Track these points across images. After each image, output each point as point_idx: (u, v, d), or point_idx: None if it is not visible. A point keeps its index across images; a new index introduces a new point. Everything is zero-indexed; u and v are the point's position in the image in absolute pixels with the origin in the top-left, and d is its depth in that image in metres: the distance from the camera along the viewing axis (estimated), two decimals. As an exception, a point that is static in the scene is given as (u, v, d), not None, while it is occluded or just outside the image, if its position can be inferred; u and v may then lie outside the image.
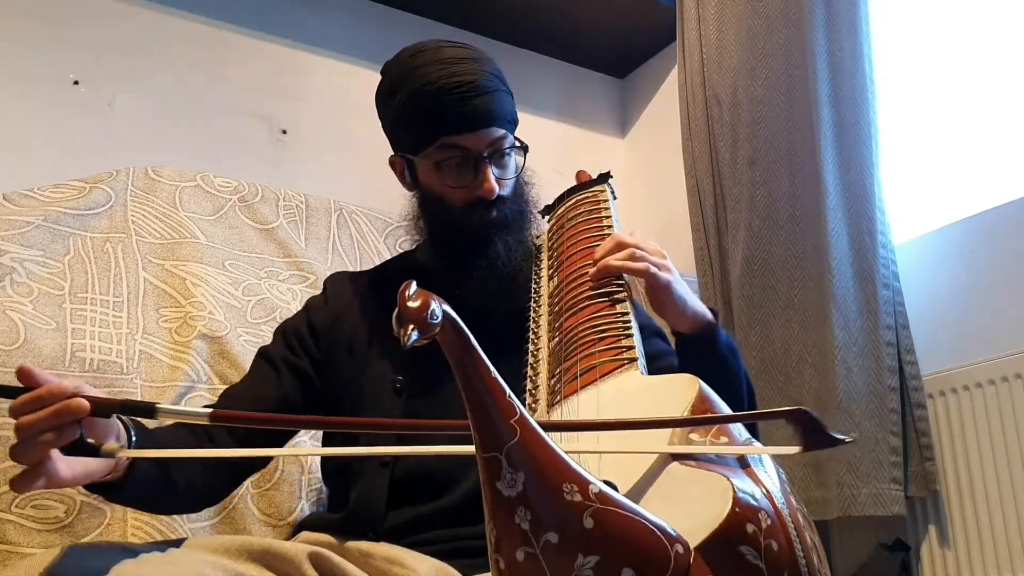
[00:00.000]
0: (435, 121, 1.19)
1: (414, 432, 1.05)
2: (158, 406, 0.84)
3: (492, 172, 1.21)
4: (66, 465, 0.86)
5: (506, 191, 1.24)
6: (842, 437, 0.76)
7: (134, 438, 0.95)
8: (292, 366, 1.25)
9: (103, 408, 0.86)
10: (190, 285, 1.62)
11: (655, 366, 1.19)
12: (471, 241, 1.22)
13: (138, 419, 0.99)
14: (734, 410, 1.12)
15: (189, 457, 1.10)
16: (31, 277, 1.48)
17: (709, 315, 1.17)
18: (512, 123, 1.25)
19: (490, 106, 1.20)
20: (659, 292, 1.12)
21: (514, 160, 1.27)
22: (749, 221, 2.21)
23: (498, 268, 1.22)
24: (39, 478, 0.84)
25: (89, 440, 0.87)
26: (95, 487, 0.97)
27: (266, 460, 1.36)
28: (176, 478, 1.08)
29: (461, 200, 1.22)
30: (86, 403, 0.83)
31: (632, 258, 1.11)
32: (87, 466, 0.89)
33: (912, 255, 2.07)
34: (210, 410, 0.84)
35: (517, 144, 1.25)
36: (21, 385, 0.86)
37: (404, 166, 1.30)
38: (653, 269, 1.11)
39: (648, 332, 1.24)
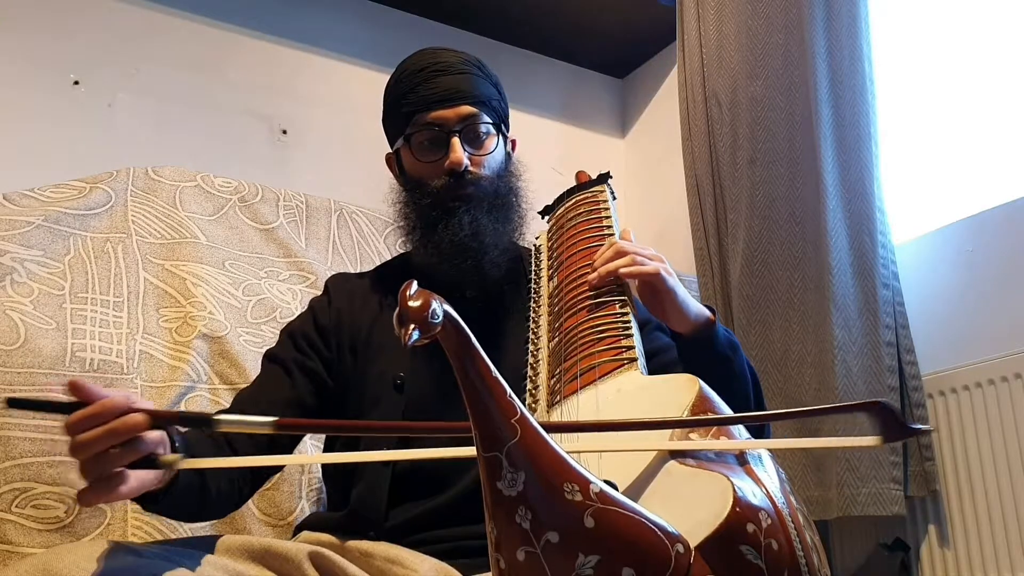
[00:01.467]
0: (408, 101, 1.25)
1: (418, 436, 1.05)
2: (216, 417, 0.83)
3: (464, 148, 1.24)
4: (124, 478, 0.86)
5: (485, 171, 1.26)
6: (922, 427, 0.76)
7: (177, 445, 0.94)
8: (304, 368, 1.25)
9: (160, 421, 0.85)
10: (190, 285, 1.63)
11: (660, 360, 1.19)
12: (439, 216, 1.23)
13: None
14: (741, 408, 1.13)
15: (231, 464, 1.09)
16: (31, 277, 1.48)
17: (708, 314, 1.17)
18: (488, 106, 1.27)
19: (460, 84, 1.25)
20: (663, 295, 1.13)
21: (494, 143, 1.28)
22: (749, 221, 2.21)
23: (459, 243, 1.22)
24: (107, 492, 0.84)
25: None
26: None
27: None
28: (210, 485, 1.08)
29: (435, 176, 1.24)
30: (143, 418, 0.83)
31: (635, 263, 1.12)
32: (140, 477, 0.88)
33: (912, 255, 2.07)
34: (274, 419, 0.83)
35: (490, 122, 1.27)
36: (75, 399, 0.84)
37: (393, 161, 1.34)
38: (663, 272, 1.11)
39: (651, 327, 1.25)
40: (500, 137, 1.30)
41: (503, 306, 1.26)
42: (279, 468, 1.38)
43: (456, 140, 1.23)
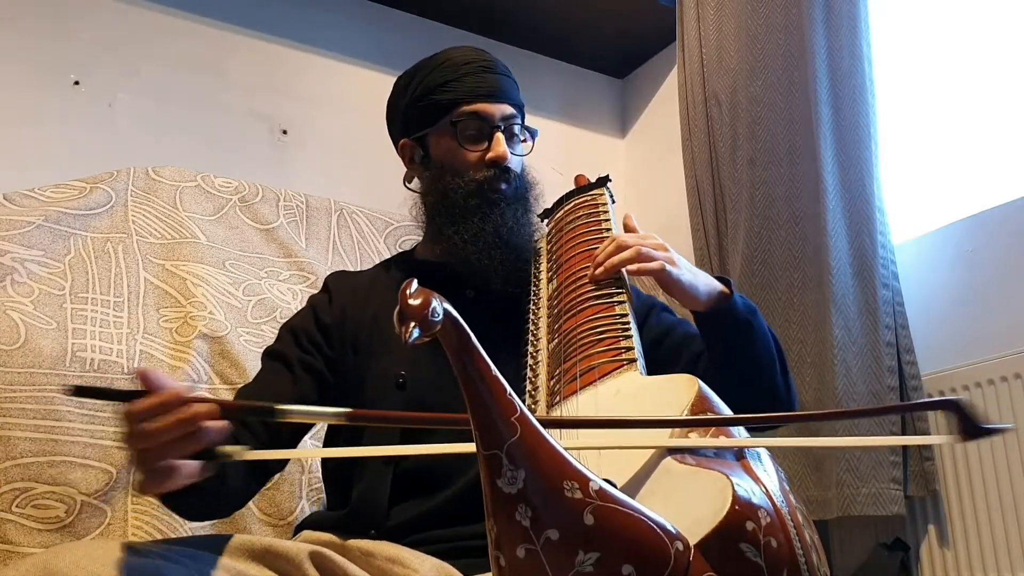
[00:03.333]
0: (454, 88, 1.28)
1: (420, 427, 1.05)
2: (281, 407, 0.82)
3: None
4: (183, 468, 0.85)
5: (516, 169, 1.30)
6: (1000, 426, 0.76)
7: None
8: (307, 366, 1.24)
9: (228, 413, 0.84)
10: (190, 285, 1.63)
11: (670, 340, 1.22)
12: (479, 206, 1.25)
13: None
14: (768, 367, 1.13)
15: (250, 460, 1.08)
16: (32, 277, 1.49)
17: (721, 287, 1.17)
18: (522, 112, 1.33)
19: (504, 85, 1.30)
20: (670, 286, 1.14)
21: (524, 147, 1.33)
22: (749, 221, 2.21)
23: (502, 236, 1.24)
24: (168, 482, 0.84)
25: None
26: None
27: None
28: (231, 483, 1.08)
29: (473, 166, 1.27)
30: (212, 408, 0.82)
31: (640, 257, 1.12)
32: (192, 468, 0.88)
33: (912, 255, 2.07)
34: (347, 410, 0.81)
35: (526, 129, 1.32)
36: (140, 388, 0.84)
37: (415, 147, 1.33)
38: (668, 267, 1.12)
39: (656, 310, 1.27)
40: (528, 144, 1.34)
41: (504, 307, 1.26)
42: (282, 467, 1.38)
43: (500, 135, 1.27)
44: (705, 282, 1.16)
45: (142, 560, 0.86)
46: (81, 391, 0.88)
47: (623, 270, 1.14)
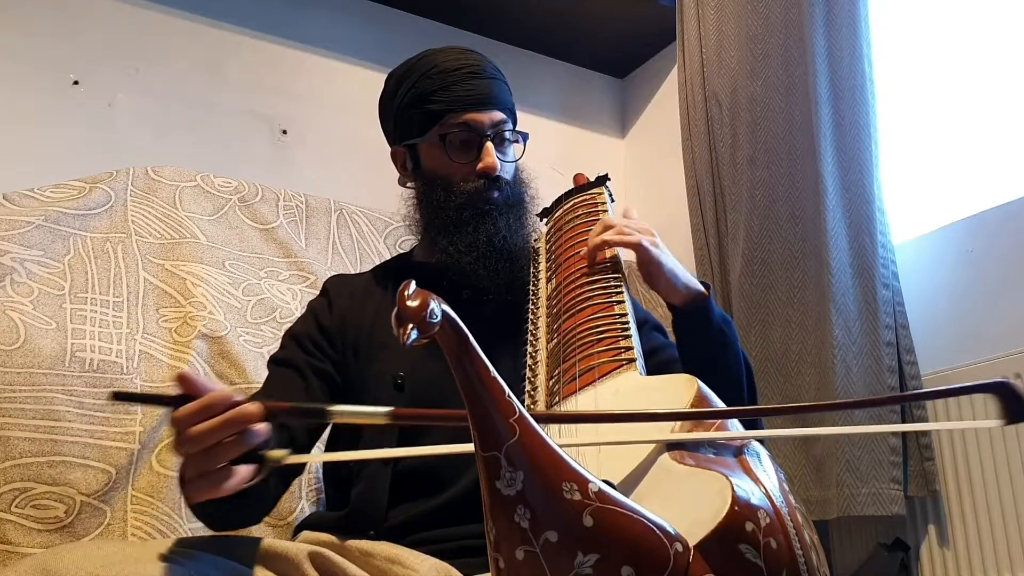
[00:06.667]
0: (442, 98, 1.26)
1: (418, 424, 1.05)
2: (330, 408, 0.80)
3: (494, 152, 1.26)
4: (232, 472, 0.85)
5: (507, 176, 1.29)
6: None
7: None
8: (316, 370, 1.24)
9: (273, 413, 0.82)
10: (190, 285, 1.63)
11: (658, 358, 1.21)
12: (472, 217, 1.25)
13: None
14: (736, 382, 1.13)
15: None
16: (31, 277, 1.48)
17: (700, 287, 1.18)
18: (512, 114, 1.31)
19: (493, 90, 1.28)
20: (650, 266, 1.14)
21: (514, 150, 1.32)
22: (749, 221, 2.21)
23: (495, 245, 1.24)
24: (218, 487, 0.83)
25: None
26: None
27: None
28: (270, 487, 1.08)
29: (463, 177, 1.26)
30: (257, 409, 0.81)
31: (620, 233, 1.13)
32: (242, 473, 0.87)
33: (912, 255, 2.07)
34: (390, 409, 0.79)
35: (517, 132, 1.31)
36: (182, 392, 0.83)
37: (406, 155, 1.32)
38: (645, 242, 1.13)
39: (648, 327, 1.26)
40: (520, 145, 1.33)
41: (502, 307, 1.26)
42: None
43: (490, 144, 1.26)
44: (685, 274, 1.17)
45: (139, 560, 0.86)
46: (121, 396, 0.86)
47: (623, 271, 1.14)
